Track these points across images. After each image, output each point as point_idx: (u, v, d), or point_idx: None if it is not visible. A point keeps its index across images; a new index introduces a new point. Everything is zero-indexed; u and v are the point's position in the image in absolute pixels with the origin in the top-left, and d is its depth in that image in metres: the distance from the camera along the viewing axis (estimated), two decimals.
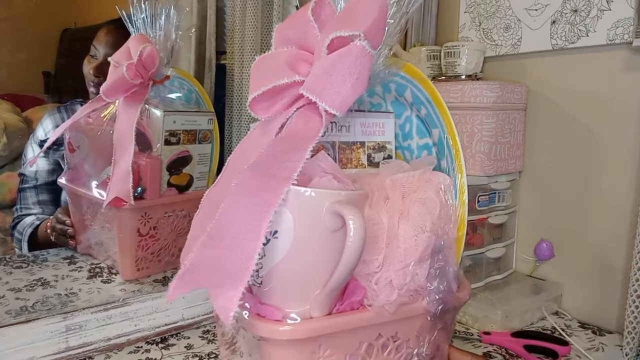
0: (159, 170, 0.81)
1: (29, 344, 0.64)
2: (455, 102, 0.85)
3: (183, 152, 0.84)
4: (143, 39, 0.81)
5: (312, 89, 0.42)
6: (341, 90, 0.41)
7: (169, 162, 0.83)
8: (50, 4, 2.37)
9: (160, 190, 0.82)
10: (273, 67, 0.44)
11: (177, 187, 0.84)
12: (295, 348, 0.42)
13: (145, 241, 0.82)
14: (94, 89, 1.11)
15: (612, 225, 0.82)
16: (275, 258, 0.40)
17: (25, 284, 0.78)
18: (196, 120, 0.85)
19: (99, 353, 0.69)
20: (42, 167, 1.13)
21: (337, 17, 0.44)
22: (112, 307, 0.70)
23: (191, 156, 0.85)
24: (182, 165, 0.85)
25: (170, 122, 0.82)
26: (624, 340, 0.71)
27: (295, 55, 0.44)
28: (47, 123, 1.18)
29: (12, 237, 1.12)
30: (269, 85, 0.43)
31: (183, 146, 0.84)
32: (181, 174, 0.85)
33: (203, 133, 0.86)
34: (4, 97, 2.12)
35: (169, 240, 0.85)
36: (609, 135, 0.82)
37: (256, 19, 1.05)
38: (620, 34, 0.79)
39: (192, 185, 0.86)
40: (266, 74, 0.44)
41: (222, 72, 1.14)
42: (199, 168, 0.87)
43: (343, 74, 0.41)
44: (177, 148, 0.84)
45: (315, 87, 0.41)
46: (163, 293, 0.75)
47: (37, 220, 1.08)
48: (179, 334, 0.76)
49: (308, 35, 0.44)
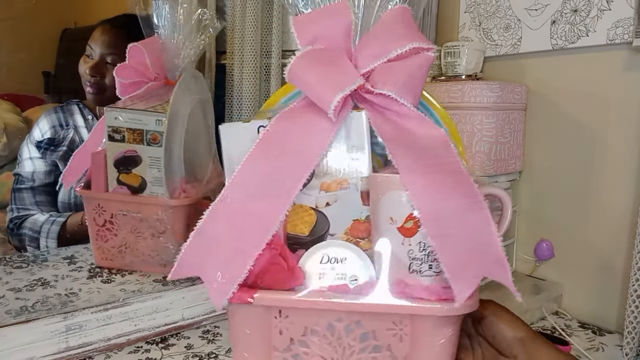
0: (100, 164, 0.83)
1: (29, 344, 0.64)
2: (455, 102, 0.85)
3: (130, 151, 0.83)
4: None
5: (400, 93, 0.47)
6: (419, 92, 0.48)
7: (115, 159, 0.83)
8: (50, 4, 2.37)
9: (107, 185, 0.84)
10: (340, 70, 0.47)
11: (129, 187, 0.84)
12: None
13: (103, 232, 0.85)
14: (90, 89, 1.10)
15: (612, 225, 0.82)
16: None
17: (25, 284, 0.78)
18: (142, 120, 0.82)
19: (99, 353, 0.69)
20: (40, 168, 1.13)
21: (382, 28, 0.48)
22: (112, 307, 0.71)
23: (140, 157, 0.83)
24: (131, 165, 0.83)
25: (112, 118, 0.82)
26: (624, 340, 0.71)
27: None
28: (44, 124, 1.17)
29: (13, 236, 1.11)
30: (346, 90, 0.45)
31: (129, 145, 0.83)
32: (131, 174, 0.83)
33: (152, 134, 0.83)
34: (4, 97, 2.12)
35: (128, 240, 0.84)
36: (609, 135, 0.82)
37: (256, 19, 1.05)
38: (620, 34, 0.79)
39: (147, 190, 0.83)
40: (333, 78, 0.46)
41: (222, 72, 1.13)
42: (151, 172, 0.84)
43: (422, 79, 0.48)
44: (123, 146, 0.83)
45: (403, 90, 0.47)
46: (163, 293, 0.75)
47: (53, 217, 1.08)
48: (179, 334, 0.76)
49: (344, 38, 0.48)
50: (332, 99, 0.44)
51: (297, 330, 0.47)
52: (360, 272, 0.47)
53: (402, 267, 0.45)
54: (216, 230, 0.45)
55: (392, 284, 0.45)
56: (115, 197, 0.83)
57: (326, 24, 0.48)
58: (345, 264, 0.47)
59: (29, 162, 1.15)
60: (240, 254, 0.44)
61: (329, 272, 0.47)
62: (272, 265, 0.45)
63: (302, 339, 0.47)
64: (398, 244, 0.45)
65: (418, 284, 0.45)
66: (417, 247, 0.45)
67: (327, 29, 0.48)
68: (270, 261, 0.45)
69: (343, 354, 0.47)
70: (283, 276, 0.46)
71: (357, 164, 0.50)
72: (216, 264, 0.44)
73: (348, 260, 0.47)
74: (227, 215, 0.45)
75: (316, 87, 0.46)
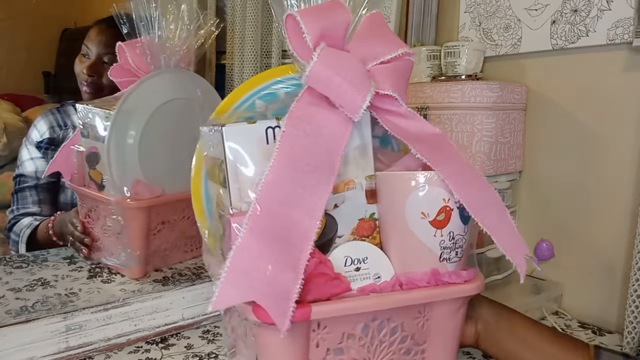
0: (69, 156, 0.87)
1: (29, 344, 0.64)
2: (455, 102, 0.85)
3: (92, 147, 0.83)
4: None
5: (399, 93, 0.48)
6: (403, 92, 0.50)
7: (85, 155, 0.84)
8: (50, 4, 2.37)
9: (83, 180, 0.86)
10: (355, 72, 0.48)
11: (95, 184, 0.84)
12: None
13: (86, 224, 0.88)
14: (87, 88, 1.10)
15: (612, 225, 0.82)
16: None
17: (25, 284, 0.78)
18: (95, 116, 0.82)
19: (99, 353, 0.69)
20: (42, 167, 1.13)
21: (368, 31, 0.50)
22: (112, 307, 0.70)
23: (99, 154, 0.82)
24: (95, 162, 0.83)
25: (82, 114, 0.83)
26: (624, 340, 0.71)
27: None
28: (42, 125, 1.17)
29: (8, 238, 1.10)
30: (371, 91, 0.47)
31: (93, 142, 0.83)
32: (95, 171, 0.83)
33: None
34: (4, 97, 2.12)
35: (100, 235, 0.86)
36: (609, 135, 0.82)
37: (256, 19, 1.05)
38: (620, 34, 0.79)
39: (106, 188, 0.82)
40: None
41: (222, 71, 1.14)
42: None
43: (407, 82, 0.51)
44: (89, 142, 0.83)
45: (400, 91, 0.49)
46: (163, 293, 0.75)
47: (35, 221, 1.07)
48: (179, 334, 0.76)
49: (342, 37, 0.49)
50: (362, 101, 0.45)
51: (334, 340, 0.46)
52: (381, 269, 0.49)
53: (433, 257, 0.48)
54: (255, 246, 0.41)
55: (426, 274, 0.47)
56: (85, 192, 0.85)
57: (330, 21, 0.47)
58: (367, 262, 0.48)
59: (31, 163, 1.15)
60: (288, 269, 0.40)
61: (354, 273, 0.48)
62: (318, 275, 0.43)
63: (338, 347, 0.46)
64: (430, 236, 0.47)
65: (447, 270, 0.48)
66: (447, 237, 0.47)
67: (331, 26, 0.47)
68: (316, 271, 0.43)
69: (375, 352, 0.48)
70: (331, 285, 0.44)
71: (362, 163, 0.51)
72: (264, 284, 0.40)
73: (369, 259, 0.48)
74: (263, 229, 0.42)
75: (345, 89, 0.45)
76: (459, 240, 0.48)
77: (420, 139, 0.48)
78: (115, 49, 0.86)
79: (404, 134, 0.48)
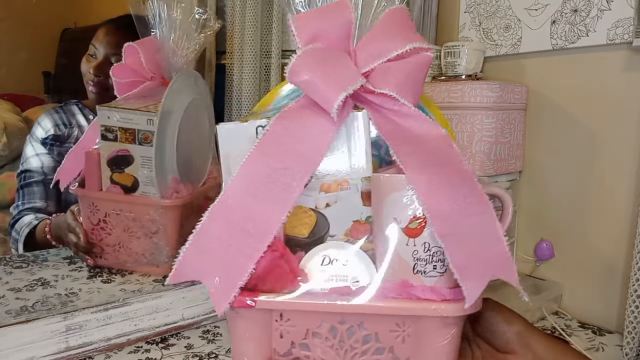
0: (94, 162, 0.84)
1: (29, 344, 0.64)
2: (455, 102, 0.85)
3: (122, 150, 0.83)
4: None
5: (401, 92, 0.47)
6: (418, 92, 0.48)
7: (108, 158, 0.83)
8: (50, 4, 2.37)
9: (100, 184, 0.84)
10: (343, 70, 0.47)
11: (122, 187, 0.83)
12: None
13: (98, 231, 0.86)
14: (93, 88, 1.10)
15: (612, 225, 0.82)
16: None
17: (25, 283, 0.78)
18: (132, 119, 0.82)
19: (99, 353, 0.69)
20: (48, 163, 1.13)
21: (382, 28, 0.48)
22: (112, 307, 0.70)
23: (132, 156, 0.82)
24: (124, 165, 0.83)
25: (105, 117, 0.82)
26: (624, 340, 0.71)
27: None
28: (46, 122, 1.17)
29: (10, 236, 1.10)
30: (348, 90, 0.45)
31: (122, 144, 0.82)
32: (124, 174, 0.83)
33: (143, 134, 0.83)
34: (4, 97, 2.12)
35: (122, 239, 0.85)
36: (609, 135, 0.82)
37: (256, 19, 1.05)
38: (620, 34, 0.79)
39: (139, 189, 0.83)
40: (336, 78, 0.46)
41: (222, 72, 1.13)
42: (143, 171, 0.83)
43: (421, 79, 0.48)
44: (115, 145, 0.83)
45: (403, 90, 0.47)
46: (163, 293, 0.75)
47: (35, 220, 1.07)
48: (179, 334, 0.76)
49: (344, 37, 0.48)
50: (335, 98, 0.44)
51: (298, 334, 0.46)
52: (362, 274, 0.47)
53: (407, 268, 0.45)
54: (216, 231, 0.44)
55: (396, 284, 0.45)
56: (108, 196, 0.84)
57: (326, 22, 0.48)
58: (347, 265, 0.47)
59: (36, 159, 1.14)
60: (241, 256, 0.43)
61: (330, 273, 0.47)
62: (273, 267, 0.45)
63: (303, 342, 0.46)
64: (402, 244, 0.45)
65: (422, 284, 0.45)
66: (421, 247, 0.44)
67: (327, 27, 0.47)
68: (272, 263, 0.45)
69: (345, 356, 0.46)
70: (285, 278, 0.45)
71: (358, 164, 0.50)
72: (217, 266, 0.43)
73: (349, 262, 0.47)
74: (228, 217, 0.44)
75: (318, 86, 0.45)
76: (436, 253, 0.44)
77: (415, 140, 0.47)
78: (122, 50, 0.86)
79: (396, 134, 0.47)
